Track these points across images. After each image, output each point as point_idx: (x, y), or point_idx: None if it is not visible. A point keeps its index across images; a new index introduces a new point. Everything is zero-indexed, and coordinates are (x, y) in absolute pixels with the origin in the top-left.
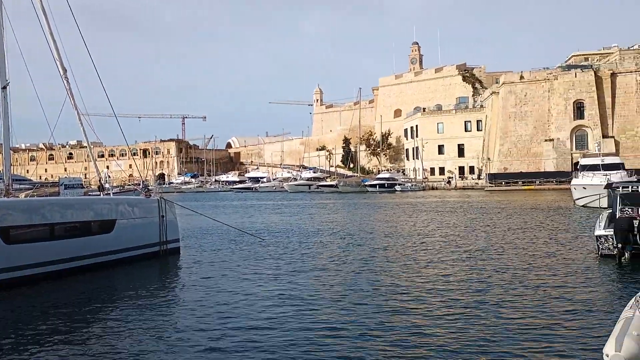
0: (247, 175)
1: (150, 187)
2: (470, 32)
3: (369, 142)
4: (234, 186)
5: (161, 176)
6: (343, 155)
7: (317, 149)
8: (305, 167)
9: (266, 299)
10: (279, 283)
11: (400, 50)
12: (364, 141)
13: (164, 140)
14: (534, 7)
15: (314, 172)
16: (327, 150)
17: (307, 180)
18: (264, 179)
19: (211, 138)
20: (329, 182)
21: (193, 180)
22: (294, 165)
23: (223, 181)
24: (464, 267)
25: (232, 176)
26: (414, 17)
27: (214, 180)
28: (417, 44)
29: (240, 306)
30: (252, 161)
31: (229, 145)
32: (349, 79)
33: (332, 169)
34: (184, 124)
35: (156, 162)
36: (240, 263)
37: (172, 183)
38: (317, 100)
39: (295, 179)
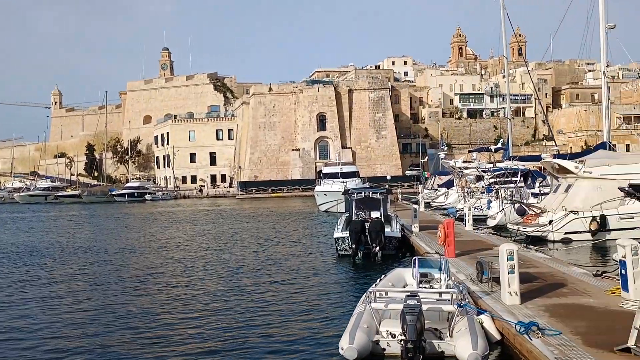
0: None
1: None
2: (221, 42)
3: (116, 149)
4: None
5: None
6: (86, 163)
7: (56, 156)
8: (41, 176)
9: None
10: None
11: (150, 55)
12: (110, 148)
13: None
14: (281, 23)
15: (52, 182)
16: (68, 158)
17: (44, 190)
18: None
19: None
20: (70, 192)
21: None
22: (27, 174)
23: None
24: (215, 274)
25: None
26: (164, 22)
27: None
28: (168, 49)
29: None
30: None
31: None
32: (93, 82)
33: (74, 178)
34: None
35: None
36: None
37: None
38: (56, 102)
39: (29, 189)
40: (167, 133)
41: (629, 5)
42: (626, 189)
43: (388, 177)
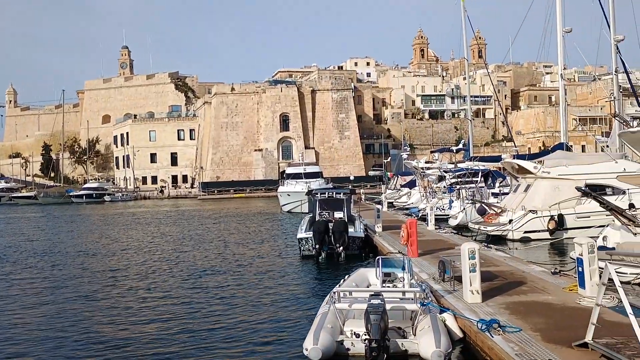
0: None
1: None
2: (182, 41)
3: (73, 149)
4: None
5: None
6: (42, 164)
7: (11, 156)
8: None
9: None
10: None
11: (109, 54)
12: (67, 148)
13: None
14: (244, 22)
15: (7, 182)
16: (23, 158)
17: None
18: None
19: None
20: (25, 193)
21: None
22: None
23: None
24: (178, 276)
25: None
26: (123, 20)
27: None
28: (127, 48)
29: None
30: None
31: None
32: (49, 80)
33: (30, 179)
34: None
35: None
36: None
37: None
38: (10, 101)
39: None
40: (127, 133)
41: (585, 10)
42: (583, 188)
43: (351, 178)
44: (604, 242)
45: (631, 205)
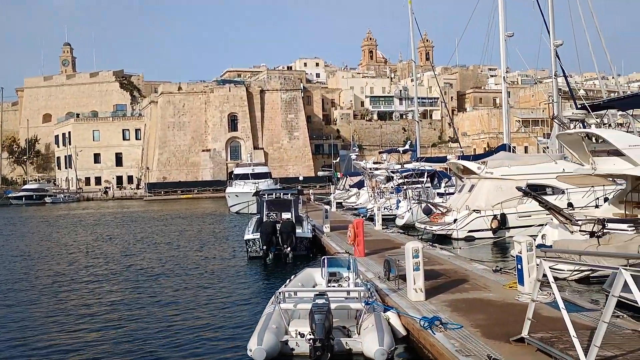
0: None
1: None
2: (127, 38)
3: (12, 148)
4: None
5: None
6: None
7: None
8: None
9: None
10: None
11: (50, 51)
12: (6, 148)
13: None
14: (189, 21)
15: None
16: None
17: None
18: None
19: None
20: None
21: None
22: None
23: None
24: (122, 280)
25: None
26: (65, 15)
27: None
28: (70, 45)
29: None
30: None
31: None
32: None
33: None
34: None
35: None
36: None
37: None
38: None
39: None
40: (69, 132)
41: (527, 15)
42: (523, 188)
43: (300, 178)
44: (543, 240)
45: (570, 205)
